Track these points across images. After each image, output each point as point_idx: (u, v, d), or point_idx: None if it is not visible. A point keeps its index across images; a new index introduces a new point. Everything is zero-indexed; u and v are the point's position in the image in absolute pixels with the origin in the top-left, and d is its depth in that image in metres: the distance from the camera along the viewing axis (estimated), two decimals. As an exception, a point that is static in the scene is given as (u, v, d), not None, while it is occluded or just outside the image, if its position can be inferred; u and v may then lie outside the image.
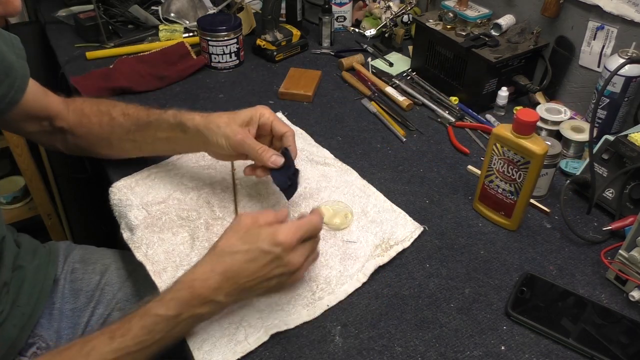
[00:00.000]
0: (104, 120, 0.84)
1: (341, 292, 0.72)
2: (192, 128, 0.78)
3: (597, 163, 0.85)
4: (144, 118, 0.83)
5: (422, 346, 0.66)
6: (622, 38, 0.96)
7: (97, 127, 0.85)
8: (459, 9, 1.16)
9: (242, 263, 0.61)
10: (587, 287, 0.74)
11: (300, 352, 0.65)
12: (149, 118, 0.82)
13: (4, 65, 0.74)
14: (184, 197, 0.86)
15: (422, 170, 0.95)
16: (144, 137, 0.83)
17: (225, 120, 0.76)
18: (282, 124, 0.79)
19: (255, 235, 0.62)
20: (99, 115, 0.85)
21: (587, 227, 0.84)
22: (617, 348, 0.65)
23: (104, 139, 0.86)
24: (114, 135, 0.85)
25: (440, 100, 1.14)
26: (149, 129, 0.82)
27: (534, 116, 0.73)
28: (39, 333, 0.85)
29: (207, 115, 0.78)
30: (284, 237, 0.61)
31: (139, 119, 0.83)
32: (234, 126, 0.76)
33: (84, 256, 0.96)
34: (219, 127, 0.76)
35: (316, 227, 0.66)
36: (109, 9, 1.41)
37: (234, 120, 0.77)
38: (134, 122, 0.83)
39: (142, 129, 0.83)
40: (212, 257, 0.63)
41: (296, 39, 1.30)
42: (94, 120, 0.85)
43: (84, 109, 0.86)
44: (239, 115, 0.78)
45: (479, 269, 0.76)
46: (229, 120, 0.76)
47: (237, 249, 0.62)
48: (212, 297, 0.61)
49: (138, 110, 0.84)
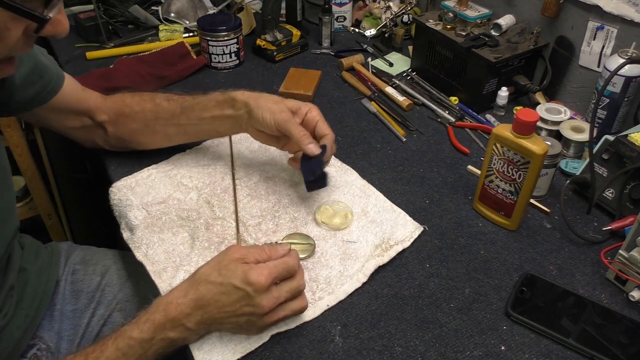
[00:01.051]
0: (147, 107, 0.86)
1: (341, 292, 0.72)
2: (241, 102, 0.81)
3: (597, 163, 0.85)
4: (189, 100, 0.85)
5: (422, 346, 0.66)
6: (622, 38, 0.96)
7: (140, 114, 0.87)
8: (459, 9, 1.16)
9: (214, 294, 0.61)
10: (587, 287, 0.74)
11: (300, 352, 0.65)
12: (195, 99, 0.85)
13: (39, 67, 0.78)
14: (184, 197, 0.86)
15: (422, 170, 0.95)
16: (189, 119, 0.85)
17: (275, 99, 0.80)
18: (326, 126, 0.81)
19: (232, 270, 0.62)
20: (141, 102, 0.87)
21: (587, 227, 0.84)
22: (617, 348, 0.65)
23: (147, 126, 0.87)
24: (158, 121, 0.86)
25: (440, 100, 1.14)
26: (194, 111, 0.84)
27: (534, 116, 0.73)
28: (40, 335, 0.85)
29: (256, 93, 0.82)
30: (255, 277, 0.61)
31: (184, 101, 0.85)
32: (282, 105, 0.79)
33: (84, 257, 0.96)
34: (267, 103, 0.79)
35: (291, 267, 0.64)
36: (109, 9, 1.41)
37: (282, 101, 0.80)
38: (180, 104, 0.85)
39: (188, 111, 0.84)
40: (190, 282, 0.63)
41: (296, 39, 1.30)
42: (136, 108, 0.87)
43: (124, 99, 0.88)
44: (289, 101, 0.81)
45: (479, 269, 0.76)
46: (278, 100, 0.80)
47: (212, 279, 0.62)
48: (183, 321, 0.61)
49: (182, 95, 0.87)
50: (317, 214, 0.82)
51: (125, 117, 0.87)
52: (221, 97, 0.83)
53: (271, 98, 0.80)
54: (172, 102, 0.86)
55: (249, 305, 0.61)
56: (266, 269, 0.62)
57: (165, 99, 0.87)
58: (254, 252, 0.64)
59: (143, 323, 0.61)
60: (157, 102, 0.86)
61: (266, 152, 0.96)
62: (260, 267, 0.62)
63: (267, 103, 0.79)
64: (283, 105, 0.79)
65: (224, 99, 0.82)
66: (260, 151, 0.96)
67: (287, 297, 0.64)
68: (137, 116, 0.87)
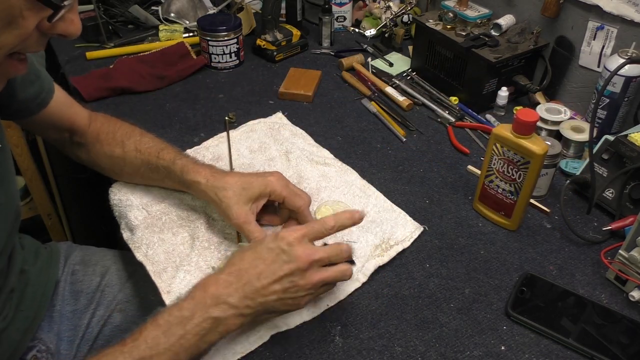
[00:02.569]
0: (115, 152, 0.84)
1: (341, 292, 0.72)
2: (199, 193, 0.77)
3: (597, 163, 0.85)
4: (153, 162, 0.81)
5: (422, 346, 0.66)
6: (622, 38, 0.96)
7: (107, 158, 0.85)
8: (459, 9, 1.16)
9: (251, 261, 0.62)
10: (587, 287, 0.74)
11: (300, 352, 0.65)
12: (158, 163, 0.81)
13: (34, 68, 0.76)
14: (184, 197, 0.86)
15: (422, 170, 0.95)
16: (153, 179, 0.84)
17: (231, 194, 0.73)
18: (294, 198, 0.76)
19: (265, 241, 0.64)
20: (112, 144, 0.85)
21: (587, 227, 0.84)
22: (617, 348, 0.65)
23: (113, 170, 0.87)
24: (124, 169, 0.85)
25: (440, 100, 1.14)
26: (157, 174, 0.82)
27: (534, 116, 0.73)
28: (39, 336, 0.84)
29: (215, 178, 0.76)
30: (285, 232, 0.63)
31: (149, 161, 0.82)
32: (238, 206, 0.73)
33: (84, 257, 0.96)
34: (222, 202, 0.73)
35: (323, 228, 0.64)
36: (109, 9, 1.41)
37: (240, 196, 0.73)
38: (144, 162, 0.82)
39: (152, 172, 0.82)
40: (227, 263, 0.64)
41: (296, 39, 1.30)
42: (106, 150, 0.85)
43: (99, 135, 0.86)
44: (248, 191, 0.74)
45: (479, 269, 0.76)
46: (234, 196, 0.73)
47: (246, 252, 0.64)
48: (225, 297, 0.60)
49: (150, 149, 0.82)
50: (317, 214, 0.82)
51: (97, 153, 0.86)
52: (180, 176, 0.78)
53: (227, 193, 0.73)
54: (139, 154, 0.82)
55: (286, 263, 0.61)
56: (299, 229, 0.63)
57: (134, 149, 0.83)
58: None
59: (183, 301, 0.60)
60: (125, 150, 0.83)
61: (266, 152, 0.96)
62: (292, 228, 0.64)
63: (222, 202, 0.73)
64: (240, 203, 0.73)
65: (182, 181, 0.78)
66: (260, 151, 0.96)
67: (327, 254, 0.63)
68: (105, 159, 0.86)
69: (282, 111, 1.08)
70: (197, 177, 0.76)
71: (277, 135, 1.00)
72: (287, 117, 1.06)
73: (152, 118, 1.07)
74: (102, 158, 0.86)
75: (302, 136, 1.00)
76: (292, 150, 0.96)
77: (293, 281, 0.62)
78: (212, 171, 0.77)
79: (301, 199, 0.76)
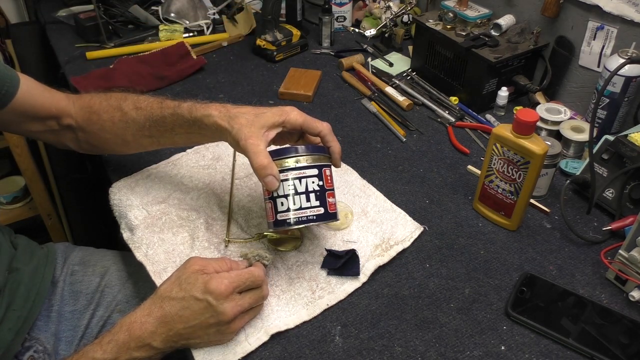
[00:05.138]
0: (115, 116, 0.79)
1: (341, 292, 0.72)
2: (211, 125, 0.71)
3: (597, 163, 0.85)
4: (157, 112, 0.76)
5: (422, 346, 0.66)
6: (622, 38, 0.96)
7: (109, 124, 0.80)
8: (459, 9, 1.16)
9: (178, 310, 0.61)
10: (587, 287, 0.74)
11: (300, 352, 0.65)
12: (163, 112, 0.76)
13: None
14: (184, 197, 0.86)
15: (422, 170, 0.95)
16: (160, 132, 0.78)
17: (244, 121, 0.68)
18: (314, 123, 0.71)
19: (192, 282, 0.62)
20: (109, 111, 0.80)
21: (587, 227, 0.84)
22: (617, 348, 0.65)
23: (118, 136, 0.81)
24: (128, 132, 0.80)
25: (440, 100, 1.14)
26: (164, 124, 0.77)
27: (534, 116, 0.73)
28: (36, 336, 0.84)
29: (227, 109, 0.70)
30: (215, 285, 0.60)
31: (152, 113, 0.77)
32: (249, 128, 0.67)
33: (83, 258, 0.96)
34: (233, 128, 0.68)
35: (257, 278, 0.64)
36: (109, 9, 1.41)
37: (253, 122, 0.68)
38: (148, 116, 0.77)
39: (157, 124, 0.77)
40: (153, 300, 0.63)
41: (296, 39, 1.30)
42: (105, 117, 0.80)
43: (92, 106, 0.81)
44: (261, 118, 0.69)
45: (479, 269, 0.76)
46: (247, 122, 0.68)
47: (174, 295, 0.62)
48: (149, 340, 0.60)
49: (151, 103, 0.78)
50: (317, 214, 0.82)
51: (94, 125, 0.81)
52: (189, 116, 0.73)
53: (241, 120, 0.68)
54: (140, 111, 0.78)
55: (213, 316, 0.61)
56: (226, 278, 0.62)
57: (133, 107, 0.78)
58: (213, 263, 0.64)
59: (106, 344, 0.60)
60: (125, 111, 0.79)
61: (266, 152, 0.96)
62: (220, 275, 0.62)
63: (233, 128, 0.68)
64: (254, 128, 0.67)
65: (192, 119, 0.73)
66: (260, 151, 0.96)
67: (250, 303, 0.64)
68: (106, 125, 0.80)
69: (282, 111, 1.08)
70: (208, 110, 0.71)
71: (277, 135, 1.00)
72: (287, 117, 1.06)
73: (152, 118, 1.07)
74: (103, 130, 0.81)
75: (302, 136, 1.00)
76: (292, 150, 0.96)
77: (219, 330, 0.62)
78: (222, 105, 0.72)
79: (321, 124, 0.71)
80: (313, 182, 0.68)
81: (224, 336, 0.64)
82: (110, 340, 0.60)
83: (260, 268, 0.67)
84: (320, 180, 0.68)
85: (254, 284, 0.64)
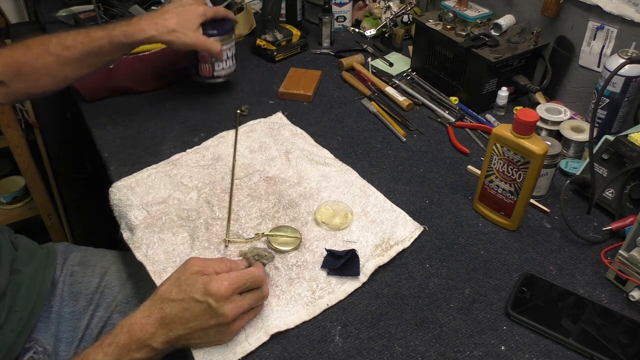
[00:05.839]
0: (48, 61, 0.86)
1: (341, 292, 0.72)
2: (153, 42, 0.90)
3: (597, 163, 0.85)
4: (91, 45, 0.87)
5: (422, 346, 0.66)
6: (622, 38, 0.96)
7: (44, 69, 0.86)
8: (459, 9, 1.16)
9: (178, 311, 0.61)
10: (587, 287, 0.74)
11: (300, 352, 0.65)
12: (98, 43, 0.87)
13: None
14: (184, 197, 0.86)
15: (422, 170, 0.95)
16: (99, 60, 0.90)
17: (183, 29, 0.92)
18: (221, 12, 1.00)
19: (192, 284, 0.62)
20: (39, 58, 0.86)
21: (587, 227, 0.84)
22: (617, 348, 0.65)
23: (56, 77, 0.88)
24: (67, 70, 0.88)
25: (440, 100, 1.14)
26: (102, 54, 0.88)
27: (534, 116, 0.73)
28: (36, 337, 0.84)
29: (159, 25, 0.90)
30: (215, 287, 0.60)
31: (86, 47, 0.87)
32: (194, 33, 0.94)
33: (83, 258, 0.96)
34: (175, 41, 0.92)
35: (257, 279, 0.64)
36: (109, 9, 1.41)
37: (190, 27, 0.93)
38: (83, 51, 0.87)
39: (95, 55, 0.88)
40: (153, 301, 0.63)
41: (296, 39, 1.30)
42: (37, 65, 0.86)
43: (18, 59, 0.86)
44: (192, 22, 0.94)
45: (479, 269, 0.76)
46: (186, 28, 0.92)
47: (174, 297, 0.62)
48: (149, 342, 0.60)
49: (77, 38, 0.87)
50: (317, 214, 0.82)
51: (29, 75, 0.86)
52: (128, 42, 0.89)
53: (182, 26, 0.91)
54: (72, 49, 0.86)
55: (213, 317, 0.61)
56: (226, 279, 0.62)
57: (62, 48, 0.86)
58: (212, 264, 0.64)
59: (107, 346, 0.60)
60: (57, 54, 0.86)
61: (266, 151, 0.96)
62: (220, 277, 0.62)
63: (182, 36, 0.92)
64: (193, 32, 0.93)
65: (131, 43, 0.89)
66: (260, 151, 0.96)
67: (250, 304, 0.64)
68: (42, 70, 0.87)
69: (282, 111, 1.08)
70: (145, 32, 0.89)
71: (277, 135, 1.00)
72: (287, 117, 1.06)
73: (152, 118, 1.07)
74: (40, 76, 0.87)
75: (302, 136, 1.00)
76: (292, 150, 0.96)
77: (219, 331, 0.63)
78: (151, 20, 0.90)
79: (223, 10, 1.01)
80: (230, 49, 1.06)
81: (224, 336, 0.64)
82: (111, 342, 0.60)
83: (260, 268, 0.67)
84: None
85: (254, 284, 0.64)
